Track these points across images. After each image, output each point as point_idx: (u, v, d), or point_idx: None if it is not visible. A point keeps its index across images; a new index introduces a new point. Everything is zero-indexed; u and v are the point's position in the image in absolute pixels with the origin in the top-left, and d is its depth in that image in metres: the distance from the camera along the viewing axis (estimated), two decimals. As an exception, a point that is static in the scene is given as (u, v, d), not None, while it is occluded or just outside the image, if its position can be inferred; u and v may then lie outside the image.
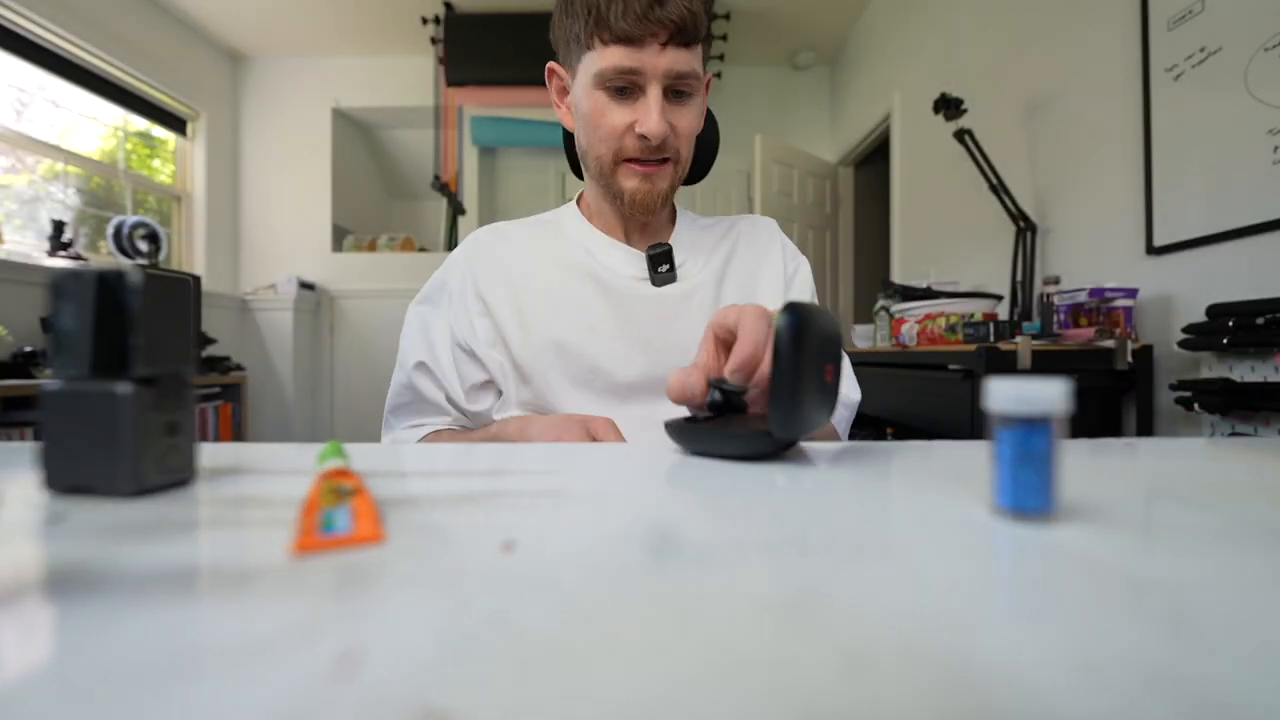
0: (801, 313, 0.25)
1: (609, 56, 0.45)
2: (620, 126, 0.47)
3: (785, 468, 0.25)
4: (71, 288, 0.19)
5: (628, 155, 0.48)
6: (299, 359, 2.85)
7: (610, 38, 0.44)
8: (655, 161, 0.48)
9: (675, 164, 0.50)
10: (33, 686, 0.09)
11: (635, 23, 0.43)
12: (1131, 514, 0.18)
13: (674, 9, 0.43)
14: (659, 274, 0.52)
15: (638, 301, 0.51)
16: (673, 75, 0.45)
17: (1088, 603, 0.12)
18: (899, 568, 0.14)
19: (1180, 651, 0.10)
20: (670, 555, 0.14)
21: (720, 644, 0.10)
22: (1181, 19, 1.19)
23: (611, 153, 0.48)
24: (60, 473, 0.19)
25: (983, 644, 0.10)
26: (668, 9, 0.43)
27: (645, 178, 0.49)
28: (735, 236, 0.57)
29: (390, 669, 0.09)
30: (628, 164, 0.49)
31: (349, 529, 0.15)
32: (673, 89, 0.46)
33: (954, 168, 1.87)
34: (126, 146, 2.53)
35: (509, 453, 0.29)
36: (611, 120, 0.47)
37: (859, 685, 0.09)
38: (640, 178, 0.49)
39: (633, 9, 0.43)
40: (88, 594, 0.12)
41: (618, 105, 0.46)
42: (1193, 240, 1.16)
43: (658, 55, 0.44)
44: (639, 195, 0.49)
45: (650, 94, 0.45)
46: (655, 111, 0.45)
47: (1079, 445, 0.30)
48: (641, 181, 0.49)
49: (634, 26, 0.43)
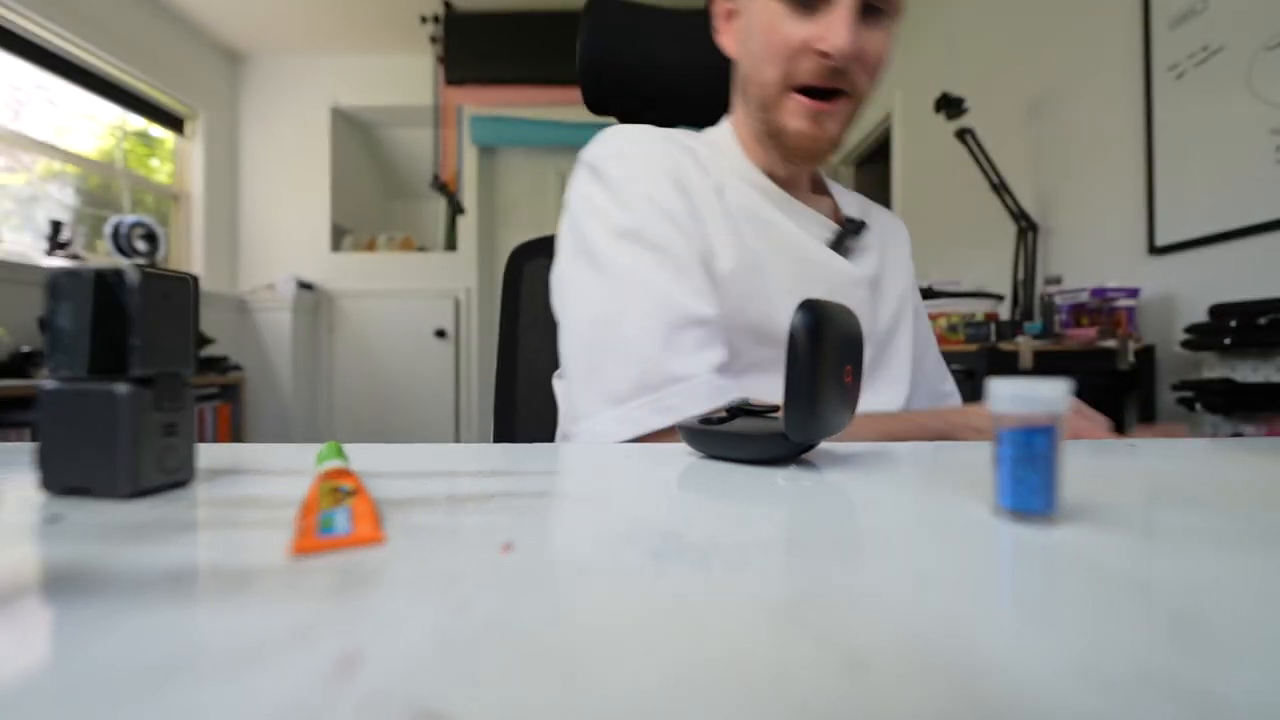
0: (819, 311, 0.23)
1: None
2: (796, 42, 0.39)
3: (786, 468, 0.25)
4: (69, 287, 0.19)
5: (799, 82, 0.40)
6: (298, 359, 2.85)
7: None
8: (829, 94, 0.40)
9: (851, 101, 0.41)
10: (30, 689, 0.09)
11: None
12: (1133, 515, 0.18)
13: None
14: (845, 249, 0.44)
15: (822, 270, 0.43)
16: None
17: (1089, 604, 0.12)
18: (900, 568, 0.14)
19: (1182, 653, 0.10)
20: (670, 556, 0.14)
21: (721, 645, 0.10)
22: (1184, 18, 1.19)
23: (781, 75, 0.40)
24: (57, 474, 0.19)
25: (984, 645, 0.10)
26: None
27: (814, 118, 0.40)
28: (881, 228, 0.50)
29: (389, 670, 0.09)
30: (797, 95, 0.40)
31: (348, 530, 0.15)
32: (868, 4, 0.38)
33: (955, 167, 1.86)
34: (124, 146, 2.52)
35: (508, 453, 0.29)
36: (787, 34, 0.39)
37: (860, 686, 0.09)
38: (808, 117, 0.40)
39: None
40: (85, 596, 0.12)
41: (798, 18, 0.39)
42: (1195, 240, 1.16)
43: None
44: (804, 139, 0.41)
45: (841, 3, 0.37)
46: (846, 24, 0.37)
47: (1081, 446, 0.30)
48: (809, 123, 0.40)
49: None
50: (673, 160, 0.42)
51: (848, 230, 0.45)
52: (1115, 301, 1.20)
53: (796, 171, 0.45)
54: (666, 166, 0.42)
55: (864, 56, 0.39)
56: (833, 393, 0.24)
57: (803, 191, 0.46)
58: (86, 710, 0.08)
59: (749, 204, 0.43)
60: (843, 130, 0.42)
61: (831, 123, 0.41)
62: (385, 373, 2.94)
